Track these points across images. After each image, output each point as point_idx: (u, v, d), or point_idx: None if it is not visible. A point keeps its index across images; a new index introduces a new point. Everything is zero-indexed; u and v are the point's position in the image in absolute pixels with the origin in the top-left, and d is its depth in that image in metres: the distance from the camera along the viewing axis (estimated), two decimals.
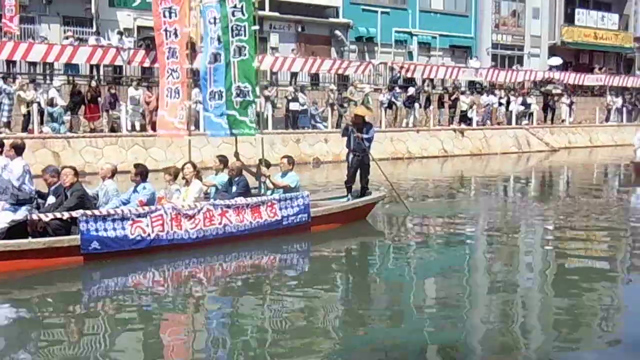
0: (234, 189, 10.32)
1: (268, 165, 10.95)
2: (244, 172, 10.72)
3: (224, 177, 10.77)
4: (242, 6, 10.07)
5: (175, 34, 10.93)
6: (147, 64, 22.80)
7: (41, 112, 19.53)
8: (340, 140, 23.10)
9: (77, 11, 26.11)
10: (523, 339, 6.35)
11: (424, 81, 30.72)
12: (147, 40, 23.35)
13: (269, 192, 10.68)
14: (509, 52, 39.70)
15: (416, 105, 27.09)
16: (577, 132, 32.92)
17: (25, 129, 19.33)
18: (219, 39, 10.10)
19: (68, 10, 25.76)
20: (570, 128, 32.91)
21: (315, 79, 28.40)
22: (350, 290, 8.46)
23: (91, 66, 22.87)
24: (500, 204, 15.46)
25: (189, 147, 11.55)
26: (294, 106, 23.86)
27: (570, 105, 33.40)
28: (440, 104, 28.46)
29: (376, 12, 33.71)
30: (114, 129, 20.95)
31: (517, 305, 7.41)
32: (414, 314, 7.07)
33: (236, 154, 10.85)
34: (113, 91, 21.25)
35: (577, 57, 42.90)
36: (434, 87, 30.90)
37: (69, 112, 20.34)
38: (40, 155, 18.00)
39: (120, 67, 23.51)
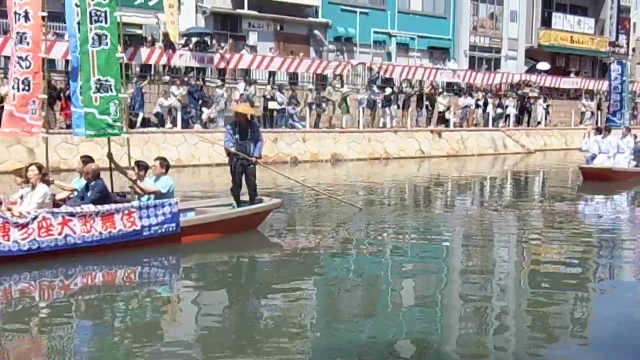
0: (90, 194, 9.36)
1: (145, 167, 9.94)
2: (120, 176, 9.94)
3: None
4: None
5: (27, 17, 9.66)
6: (125, 60, 22.57)
7: None
8: (318, 139, 23.45)
9: (54, 6, 25.85)
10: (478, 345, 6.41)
11: (401, 82, 30.91)
12: (125, 37, 23.15)
13: (144, 198, 9.58)
14: (486, 54, 40.04)
15: (394, 106, 27.25)
16: (552, 134, 33.32)
17: None
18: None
19: (45, 4, 25.50)
20: (546, 130, 33.30)
21: (293, 78, 28.43)
22: (221, 307, 7.49)
23: (67, 61, 22.64)
24: (436, 207, 15.10)
25: (46, 147, 10.20)
26: (272, 105, 23.87)
27: (546, 108, 33.80)
28: (419, 105, 28.62)
29: (355, 12, 33.83)
30: None
31: (444, 315, 7.19)
32: (301, 331, 6.49)
33: (109, 155, 10.01)
34: None
35: (554, 61, 43.35)
36: (412, 87, 31.07)
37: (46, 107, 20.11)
38: (14, 151, 17.79)
39: None
